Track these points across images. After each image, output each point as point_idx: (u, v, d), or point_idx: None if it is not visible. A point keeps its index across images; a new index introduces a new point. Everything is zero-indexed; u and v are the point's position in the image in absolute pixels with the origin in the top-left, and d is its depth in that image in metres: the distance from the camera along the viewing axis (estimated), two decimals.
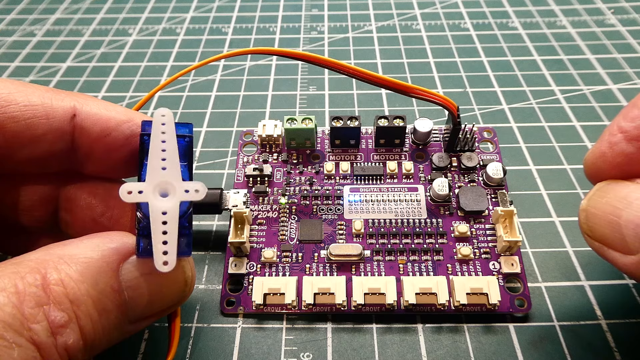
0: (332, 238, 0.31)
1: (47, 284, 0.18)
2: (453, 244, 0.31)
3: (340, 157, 0.35)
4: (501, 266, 0.29)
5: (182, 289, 0.23)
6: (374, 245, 0.31)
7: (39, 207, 0.26)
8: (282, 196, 0.33)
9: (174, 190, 0.20)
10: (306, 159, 0.35)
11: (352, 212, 0.32)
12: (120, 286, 0.20)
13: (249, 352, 0.27)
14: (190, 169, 0.22)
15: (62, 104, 0.23)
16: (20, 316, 0.17)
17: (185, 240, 0.21)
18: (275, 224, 0.32)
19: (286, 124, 0.33)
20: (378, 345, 0.28)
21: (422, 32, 0.54)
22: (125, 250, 0.21)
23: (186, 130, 0.23)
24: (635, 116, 0.23)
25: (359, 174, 0.33)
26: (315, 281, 0.28)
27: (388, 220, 0.31)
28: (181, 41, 0.54)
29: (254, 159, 0.35)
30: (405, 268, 0.30)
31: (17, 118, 0.22)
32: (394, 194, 0.33)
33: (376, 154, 0.35)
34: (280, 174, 0.34)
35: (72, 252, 0.20)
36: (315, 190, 0.33)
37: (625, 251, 0.22)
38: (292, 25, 0.56)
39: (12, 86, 0.23)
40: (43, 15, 0.60)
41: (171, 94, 0.46)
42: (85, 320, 0.19)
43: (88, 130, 0.24)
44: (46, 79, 0.49)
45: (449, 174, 0.33)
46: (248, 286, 0.29)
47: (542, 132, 0.41)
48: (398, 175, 0.33)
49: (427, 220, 0.31)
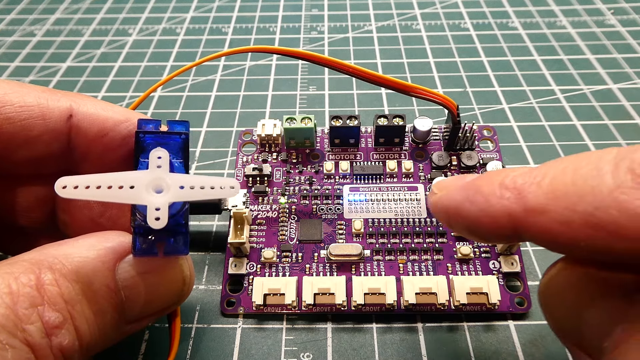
0: (332, 238, 0.31)
1: (42, 284, 0.18)
2: (453, 243, 0.30)
3: (339, 156, 0.35)
4: (501, 265, 0.29)
5: (180, 288, 0.23)
6: (373, 245, 0.31)
7: (35, 208, 0.26)
8: (281, 196, 0.33)
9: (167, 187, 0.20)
10: (305, 158, 0.34)
11: (352, 211, 0.32)
12: (117, 286, 0.20)
13: (249, 353, 0.27)
14: (187, 167, 0.22)
15: (59, 104, 0.23)
16: (14, 317, 0.17)
17: (182, 239, 0.21)
18: (275, 224, 0.32)
19: (285, 124, 0.33)
20: (378, 345, 0.28)
21: (422, 32, 0.54)
22: (122, 250, 0.21)
23: (182, 128, 0.22)
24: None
25: (359, 173, 0.33)
26: (315, 281, 0.28)
27: (388, 219, 0.31)
28: (181, 41, 0.54)
29: (253, 158, 0.35)
30: (405, 267, 0.30)
31: (13, 119, 0.22)
32: (394, 193, 0.32)
33: (376, 152, 0.35)
34: (280, 173, 0.34)
35: (67, 252, 0.20)
36: (315, 190, 0.33)
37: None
38: (292, 25, 0.56)
39: (7, 86, 0.23)
40: (43, 15, 0.60)
41: (171, 94, 0.46)
42: (81, 321, 0.19)
43: (85, 131, 0.24)
44: (46, 79, 0.49)
45: (449, 173, 0.33)
46: (248, 286, 0.29)
47: (542, 131, 0.41)
48: (398, 174, 0.33)
49: (427, 219, 0.31)
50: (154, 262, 0.21)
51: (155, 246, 0.21)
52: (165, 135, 0.22)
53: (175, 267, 0.22)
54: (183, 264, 0.23)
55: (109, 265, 0.20)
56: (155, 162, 0.20)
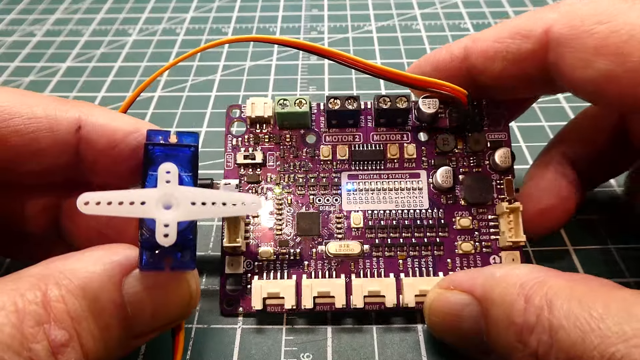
0: (330, 231, 0.30)
1: (48, 301, 0.18)
2: (454, 237, 0.30)
3: (337, 137, 0.32)
4: (502, 261, 0.29)
5: (186, 303, 0.22)
6: (373, 240, 0.30)
7: (41, 216, 0.26)
8: (276, 185, 0.31)
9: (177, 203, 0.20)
10: (300, 140, 0.32)
11: (351, 202, 0.31)
12: (123, 301, 0.20)
13: (249, 353, 0.27)
14: (196, 180, 0.22)
15: (67, 115, 0.23)
16: (20, 336, 0.17)
17: (190, 253, 0.21)
18: (270, 216, 0.31)
19: (277, 107, 0.30)
20: (378, 345, 0.28)
21: (422, 32, 0.54)
22: (128, 264, 0.20)
23: (191, 140, 0.22)
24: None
25: (358, 158, 0.31)
26: (314, 284, 0.28)
27: (388, 210, 0.30)
28: (181, 41, 0.54)
29: (243, 141, 0.32)
30: (405, 264, 0.29)
31: (21, 132, 0.22)
32: (395, 182, 0.31)
33: (376, 133, 0.32)
34: (274, 158, 0.31)
35: (74, 267, 0.19)
36: (312, 179, 0.31)
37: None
38: (292, 25, 0.56)
39: (15, 97, 0.22)
40: (43, 15, 0.60)
41: (171, 94, 0.46)
42: (87, 338, 0.18)
43: (94, 143, 0.23)
44: (46, 79, 0.49)
45: (454, 158, 0.31)
46: (247, 286, 0.29)
47: (542, 132, 0.41)
48: (399, 159, 0.31)
49: (429, 210, 0.30)
50: (161, 276, 0.21)
51: (163, 261, 0.20)
52: (174, 148, 0.22)
53: (182, 281, 0.22)
54: (190, 279, 0.22)
55: (116, 280, 0.20)
56: (164, 177, 0.20)
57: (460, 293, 0.24)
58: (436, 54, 0.30)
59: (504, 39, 0.26)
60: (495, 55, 0.27)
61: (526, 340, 0.20)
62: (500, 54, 0.26)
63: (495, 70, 0.27)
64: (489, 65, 0.27)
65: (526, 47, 0.25)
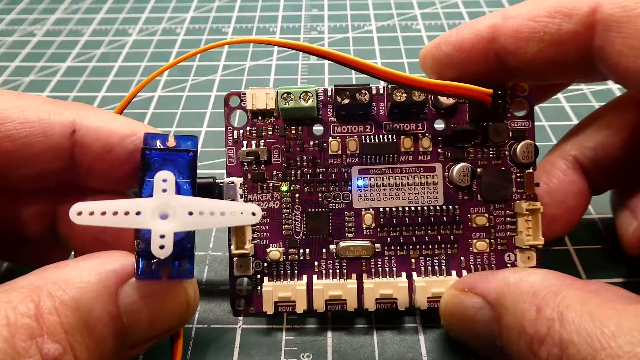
0: (341, 231, 0.29)
1: (41, 313, 0.17)
2: (469, 235, 0.29)
3: (346, 128, 0.29)
4: (517, 259, 0.28)
5: (184, 311, 0.22)
6: (384, 238, 0.29)
7: (37, 221, 0.25)
8: (282, 182, 0.29)
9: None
10: (307, 133, 0.29)
11: (362, 199, 0.29)
12: (119, 311, 0.19)
13: (249, 353, 0.27)
14: (194, 186, 0.21)
15: (61, 119, 0.22)
16: (12, 351, 0.16)
17: (187, 262, 0.21)
18: (277, 216, 0.29)
19: (281, 102, 0.28)
20: (378, 346, 0.28)
21: (422, 32, 0.54)
22: (124, 273, 0.20)
23: (190, 144, 0.22)
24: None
25: (369, 152, 0.29)
26: (325, 287, 0.28)
27: (401, 208, 0.29)
28: (181, 41, 0.54)
29: (245, 134, 0.29)
30: (417, 262, 0.29)
31: (13, 137, 0.21)
32: (408, 176, 0.29)
33: (389, 123, 0.29)
34: (278, 153, 0.29)
35: (68, 276, 0.19)
36: (320, 174, 0.29)
37: None
38: (292, 25, 0.56)
39: (7, 101, 0.22)
40: (43, 15, 0.60)
41: (171, 93, 0.46)
42: (81, 351, 0.18)
43: (89, 147, 0.23)
44: (46, 78, 0.49)
45: (472, 149, 0.29)
46: (257, 286, 0.28)
47: (542, 132, 0.41)
48: (414, 151, 0.29)
49: (444, 206, 0.29)
50: (158, 285, 0.21)
51: (160, 270, 0.20)
52: (172, 153, 0.21)
53: (179, 290, 0.22)
54: (187, 287, 0.22)
55: (111, 290, 0.19)
56: (160, 186, 0.20)
57: (474, 296, 0.23)
58: (459, 33, 0.27)
59: (541, 17, 0.23)
60: (529, 36, 0.24)
61: (537, 351, 0.19)
62: (537, 34, 0.23)
63: (529, 53, 0.24)
64: (522, 47, 0.24)
65: (568, 28, 0.23)
